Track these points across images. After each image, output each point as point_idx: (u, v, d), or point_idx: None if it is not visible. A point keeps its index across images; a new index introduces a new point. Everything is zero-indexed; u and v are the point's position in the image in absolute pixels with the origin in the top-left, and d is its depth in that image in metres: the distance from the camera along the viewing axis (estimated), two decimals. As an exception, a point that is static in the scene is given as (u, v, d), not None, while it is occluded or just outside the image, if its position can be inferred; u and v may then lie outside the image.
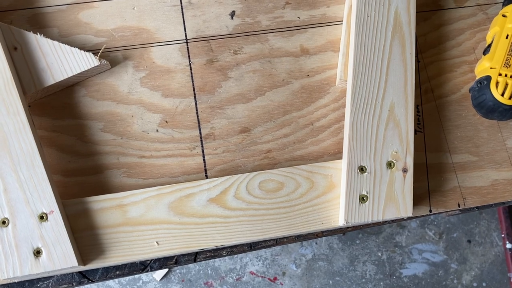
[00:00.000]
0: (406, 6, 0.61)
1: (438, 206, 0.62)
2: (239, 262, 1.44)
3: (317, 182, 0.59)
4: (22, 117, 0.54)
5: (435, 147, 0.64)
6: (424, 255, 1.49)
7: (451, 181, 0.63)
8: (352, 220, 0.56)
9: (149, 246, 0.56)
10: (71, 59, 0.58)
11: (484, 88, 0.61)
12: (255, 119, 0.63)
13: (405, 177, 0.58)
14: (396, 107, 0.59)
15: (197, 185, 0.57)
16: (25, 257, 0.52)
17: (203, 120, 0.62)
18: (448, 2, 0.68)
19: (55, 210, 0.53)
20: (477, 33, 0.67)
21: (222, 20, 0.64)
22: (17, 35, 0.58)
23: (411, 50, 0.60)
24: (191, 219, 0.57)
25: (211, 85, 0.63)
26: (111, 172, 0.59)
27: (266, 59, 0.64)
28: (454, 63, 0.66)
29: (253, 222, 0.57)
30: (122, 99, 0.61)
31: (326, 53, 0.65)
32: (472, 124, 0.65)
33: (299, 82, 0.64)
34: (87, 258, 0.55)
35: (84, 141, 0.60)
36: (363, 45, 0.59)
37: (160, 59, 0.62)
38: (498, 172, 0.64)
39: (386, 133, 0.58)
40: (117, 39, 0.62)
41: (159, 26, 0.63)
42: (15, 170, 0.53)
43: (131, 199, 0.56)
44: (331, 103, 0.64)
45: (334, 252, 1.47)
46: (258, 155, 0.62)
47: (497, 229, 1.52)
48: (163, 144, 0.61)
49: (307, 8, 0.65)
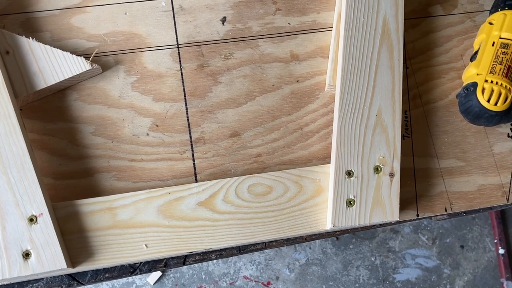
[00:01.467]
0: (395, 13, 0.62)
1: (425, 210, 0.63)
2: (233, 267, 1.44)
3: (306, 186, 0.59)
4: (13, 120, 0.54)
5: (423, 152, 0.64)
6: (417, 260, 1.50)
7: (438, 186, 0.64)
8: (339, 224, 0.57)
9: (138, 249, 0.56)
10: (63, 63, 0.59)
11: (471, 94, 0.61)
12: (245, 124, 0.63)
13: (392, 181, 0.58)
14: (383, 112, 0.59)
15: (187, 188, 0.58)
16: (14, 259, 0.52)
17: (193, 124, 0.62)
18: (437, 10, 0.69)
19: (44, 213, 0.53)
20: (464, 40, 0.68)
21: (213, 25, 0.65)
22: (9, 39, 0.58)
23: (399, 57, 0.61)
24: (180, 222, 0.57)
25: (201, 90, 0.63)
26: (101, 175, 0.60)
27: (257, 65, 0.65)
28: (442, 69, 0.67)
29: (241, 225, 0.58)
30: (113, 103, 0.62)
31: (316, 59, 0.65)
32: (459, 129, 0.66)
33: (289, 87, 0.65)
34: (76, 260, 0.55)
35: (75, 144, 0.60)
36: (352, 51, 0.60)
37: (152, 63, 0.63)
38: (485, 177, 0.64)
39: (374, 138, 0.59)
40: (109, 44, 0.63)
41: (150, 31, 0.64)
42: (5, 173, 0.53)
43: (120, 202, 0.57)
44: (320, 108, 0.64)
45: (327, 256, 1.48)
46: (248, 159, 0.63)
47: (490, 234, 1.53)
48: (154, 148, 0.61)
49: (298, 15, 0.66)
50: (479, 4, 0.69)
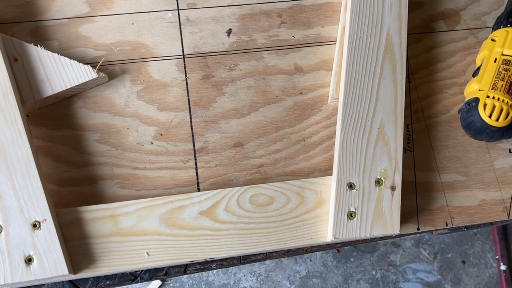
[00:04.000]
0: (398, 28, 0.62)
1: (426, 224, 0.63)
2: (233, 277, 1.44)
3: (307, 197, 0.60)
4: (20, 126, 0.55)
5: (424, 166, 0.65)
6: (418, 275, 1.49)
7: (439, 200, 0.64)
8: (340, 236, 0.57)
9: (139, 257, 0.56)
10: (70, 71, 0.59)
11: (473, 109, 0.62)
12: (248, 134, 0.64)
13: (393, 194, 0.59)
14: (385, 126, 0.60)
15: (189, 197, 0.58)
16: (16, 265, 0.52)
17: (197, 133, 0.63)
18: (440, 25, 0.70)
19: (48, 219, 0.54)
20: (467, 56, 0.69)
21: (219, 37, 0.66)
22: (18, 47, 0.59)
23: (401, 71, 0.62)
24: (182, 231, 0.57)
25: (206, 100, 0.64)
26: (105, 182, 0.60)
27: (261, 76, 0.65)
28: (444, 84, 0.68)
29: (243, 235, 0.58)
30: (119, 111, 0.62)
31: (319, 71, 0.66)
32: (461, 144, 0.66)
33: (292, 99, 0.65)
34: (78, 267, 0.56)
35: (80, 151, 0.61)
36: (355, 65, 0.61)
37: (157, 73, 0.64)
38: (486, 192, 0.65)
39: (376, 151, 0.59)
40: (116, 53, 0.64)
41: (157, 41, 0.65)
42: (10, 178, 0.54)
43: (123, 209, 0.57)
44: (323, 120, 0.65)
45: (328, 269, 1.47)
46: (250, 170, 0.63)
47: (491, 250, 1.52)
48: (157, 157, 0.62)
49: (302, 28, 0.67)
50: (482, 21, 0.70)
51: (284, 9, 0.67)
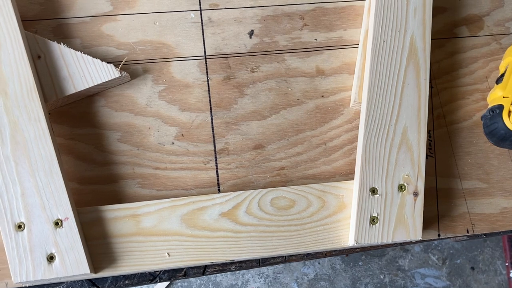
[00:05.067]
0: (422, 33, 0.62)
1: (446, 231, 0.63)
2: (241, 278, 1.44)
3: (329, 201, 0.59)
4: (43, 124, 0.55)
5: (446, 172, 0.64)
6: (426, 280, 1.49)
7: (460, 206, 0.63)
8: (362, 241, 0.57)
9: (160, 257, 0.56)
10: (93, 69, 0.59)
11: (497, 116, 0.61)
12: (269, 137, 0.64)
13: (415, 200, 0.58)
14: (409, 131, 0.60)
15: (210, 198, 0.58)
16: (38, 262, 0.52)
17: (218, 135, 0.63)
18: (463, 31, 0.69)
19: (70, 217, 0.54)
20: (490, 62, 0.68)
21: (240, 38, 0.66)
22: (41, 44, 0.59)
23: (425, 76, 0.61)
24: (202, 232, 0.57)
25: (227, 101, 0.64)
26: (126, 182, 0.60)
27: (282, 78, 0.65)
28: (466, 90, 0.67)
29: (263, 238, 0.58)
30: (140, 111, 0.62)
31: (341, 75, 0.66)
32: (483, 151, 0.66)
33: (314, 102, 0.65)
34: (98, 266, 0.56)
35: (101, 150, 0.61)
36: (378, 69, 0.61)
37: (179, 73, 0.64)
38: (508, 200, 0.64)
39: (399, 157, 0.59)
40: (138, 53, 0.64)
41: (179, 41, 0.64)
42: (33, 176, 0.54)
43: (144, 209, 0.57)
44: (345, 124, 0.65)
45: (336, 272, 1.47)
46: (271, 172, 0.63)
47: (501, 257, 1.51)
48: (178, 157, 0.62)
49: (324, 31, 0.67)
50: (505, 27, 0.70)
51: (307, 11, 0.67)
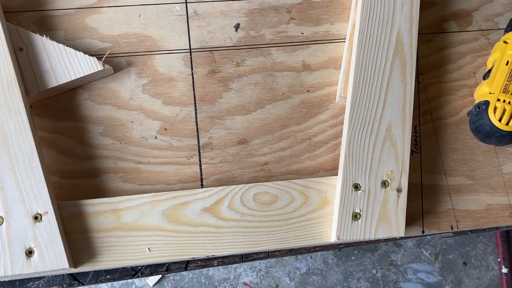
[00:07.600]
0: (409, 27, 0.61)
1: (431, 227, 0.62)
2: (233, 272, 1.44)
3: (312, 197, 0.59)
4: (23, 117, 0.54)
5: (431, 169, 0.64)
6: (418, 275, 1.49)
7: (445, 203, 0.63)
8: (344, 237, 0.57)
9: (141, 252, 0.56)
10: (75, 62, 0.59)
11: (482, 112, 0.61)
12: (254, 131, 0.63)
13: (399, 196, 0.58)
14: (393, 127, 0.59)
15: (192, 193, 0.58)
16: (17, 257, 0.52)
17: (202, 129, 0.62)
18: (451, 26, 0.69)
19: (49, 211, 0.53)
20: (478, 58, 0.68)
21: (226, 32, 0.65)
22: (23, 36, 0.59)
23: (411, 72, 0.61)
24: (184, 228, 0.57)
25: (212, 95, 0.63)
26: (107, 176, 0.60)
27: (268, 73, 0.65)
28: (454, 86, 0.67)
29: (245, 233, 0.58)
30: (123, 104, 0.62)
31: (327, 69, 0.65)
32: (469, 147, 0.65)
33: (299, 97, 0.64)
34: (78, 260, 0.55)
35: (83, 144, 0.60)
36: (364, 63, 0.60)
37: (163, 67, 0.63)
38: (493, 196, 0.64)
39: (382, 152, 0.58)
40: (122, 45, 0.63)
41: (164, 34, 0.64)
42: (12, 170, 0.53)
43: (125, 204, 0.57)
44: (330, 119, 0.64)
45: (328, 267, 1.47)
46: (255, 167, 0.62)
47: (493, 252, 1.51)
48: (161, 151, 0.61)
49: (311, 25, 0.66)
50: (494, 22, 0.69)
51: (294, 5, 0.66)
